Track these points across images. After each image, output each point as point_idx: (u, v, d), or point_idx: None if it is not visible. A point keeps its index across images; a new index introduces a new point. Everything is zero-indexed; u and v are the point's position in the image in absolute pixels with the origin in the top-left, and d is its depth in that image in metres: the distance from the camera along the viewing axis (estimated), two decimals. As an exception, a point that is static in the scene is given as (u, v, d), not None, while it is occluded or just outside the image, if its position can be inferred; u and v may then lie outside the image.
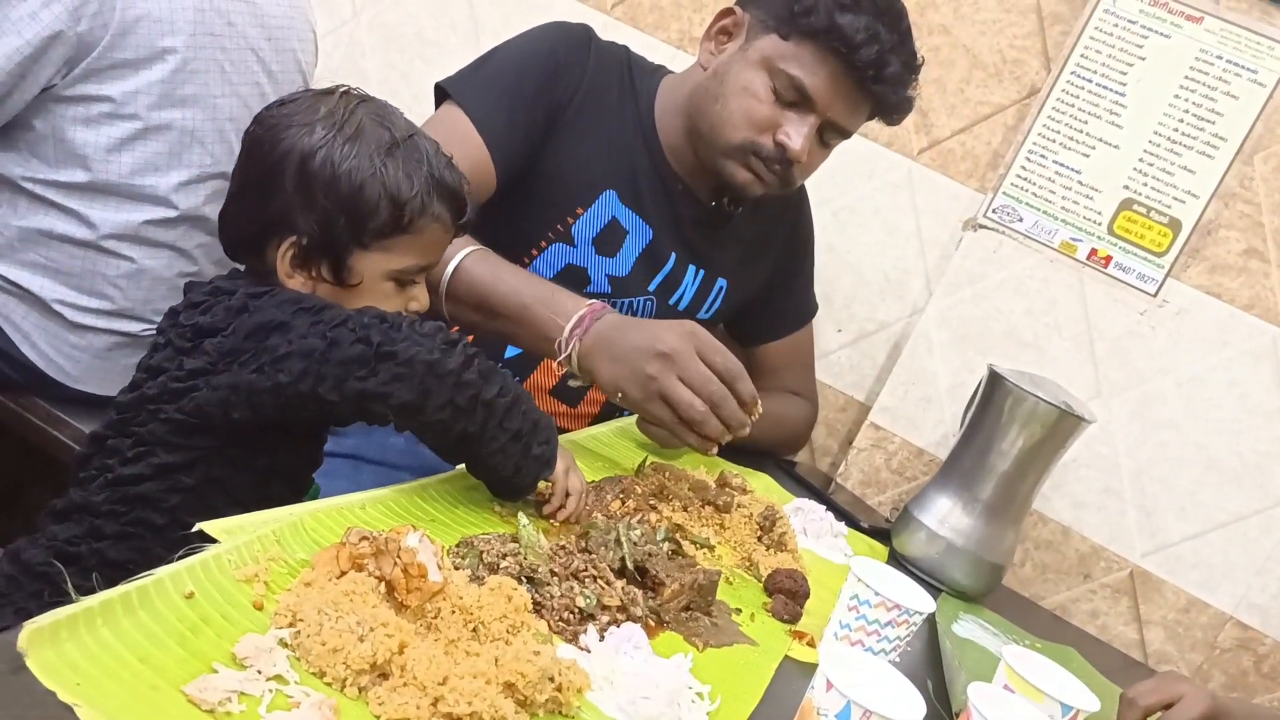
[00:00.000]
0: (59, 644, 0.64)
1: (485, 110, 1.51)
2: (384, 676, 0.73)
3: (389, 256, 1.15)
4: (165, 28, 1.50)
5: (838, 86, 1.47)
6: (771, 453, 1.85)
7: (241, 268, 1.21)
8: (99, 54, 1.45)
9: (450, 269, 1.37)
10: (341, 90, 1.17)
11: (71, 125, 1.49)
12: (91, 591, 0.69)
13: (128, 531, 1.07)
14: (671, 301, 1.70)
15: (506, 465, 1.08)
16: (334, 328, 1.01)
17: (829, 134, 1.54)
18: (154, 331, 1.27)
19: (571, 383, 1.39)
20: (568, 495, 1.15)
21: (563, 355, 1.33)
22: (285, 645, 0.73)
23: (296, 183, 1.10)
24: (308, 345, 1.00)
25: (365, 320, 1.02)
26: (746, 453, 1.72)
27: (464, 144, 1.47)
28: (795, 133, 1.49)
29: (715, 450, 1.36)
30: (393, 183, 1.12)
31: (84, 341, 1.59)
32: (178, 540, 1.06)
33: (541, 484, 1.13)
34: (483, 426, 1.04)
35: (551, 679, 0.78)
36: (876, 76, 1.46)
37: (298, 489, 1.20)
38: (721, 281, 1.74)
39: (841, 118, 1.51)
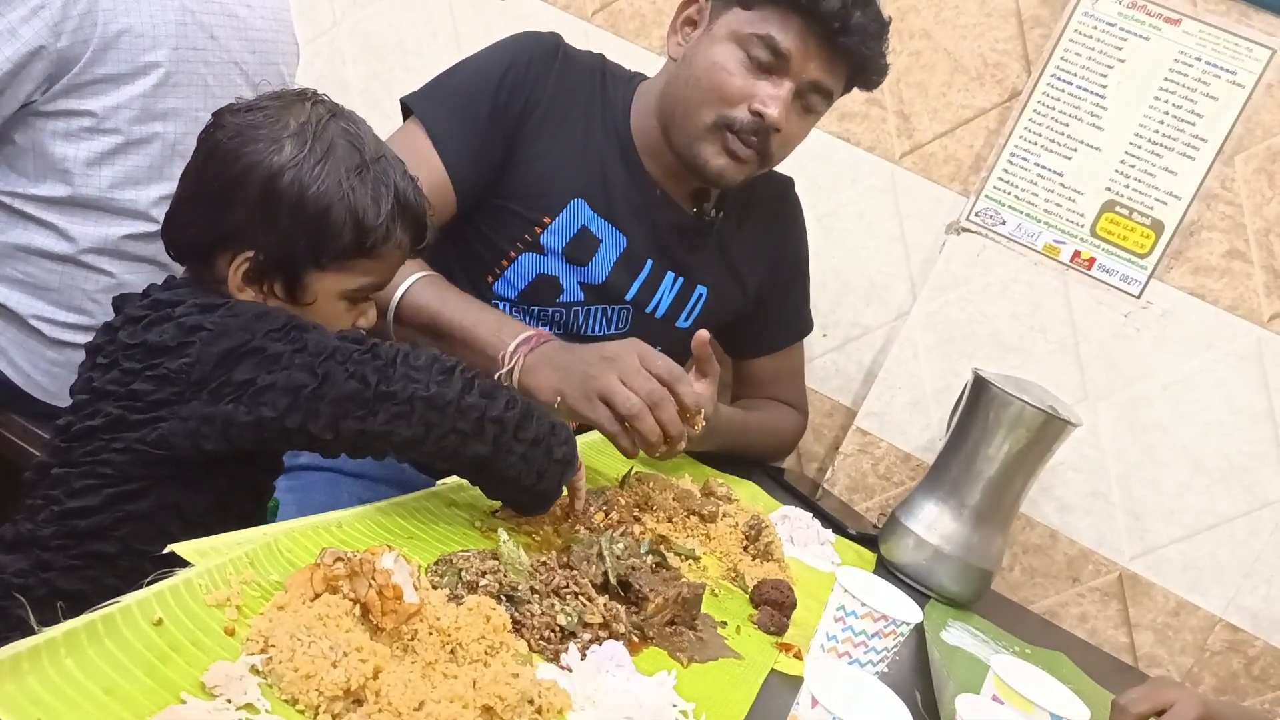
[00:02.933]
0: (20, 677, 0.62)
1: (445, 130, 1.51)
2: (358, 703, 0.71)
3: (346, 277, 1.13)
4: (148, 42, 1.48)
5: (807, 43, 1.45)
6: (759, 461, 1.84)
7: (178, 274, 1.16)
8: (80, 69, 1.44)
9: (399, 293, 1.36)
10: (311, 99, 1.12)
11: (52, 139, 1.47)
12: (55, 622, 0.67)
13: (76, 565, 1.04)
14: (648, 309, 1.67)
15: (529, 474, 1.06)
16: (323, 361, 0.98)
17: (810, 98, 1.51)
18: None
19: None
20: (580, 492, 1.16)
21: (504, 369, 1.33)
22: (257, 672, 0.71)
23: (259, 200, 1.07)
24: (294, 380, 0.97)
25: (355, 355, 0.99)
26: (733, 461, 1.71)
27: (424, 165, 1.46)
28: (771, 99, 1.46)
29: (659, 452, 1.32)
30: (359, 207, 1.09)
31: (62, 357, 1.57)
32: (130, 569, 1.04)
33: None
34: (495, 443, 1.03)
35: (531, 701, 0.76)
36: (843, 28, 1.43)
37: (259, 499, 1.18)
38: (701, 289, 1.71)
39: (819, 75, 1.48)
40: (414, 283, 1.36)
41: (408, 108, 1.57)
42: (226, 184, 1.08)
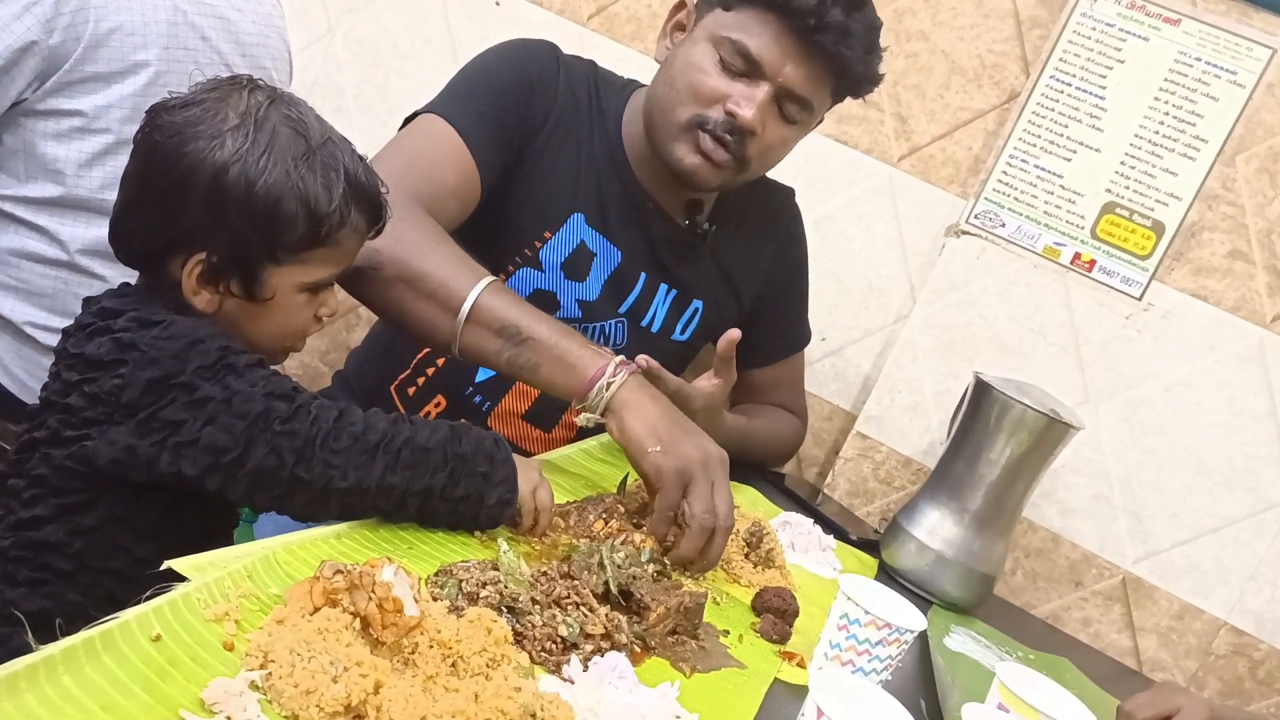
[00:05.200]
0: (18, 695, 0.61)
1: (467, 120, 1.46)
2: (359, 718, 0.70)
3: (304, 269, 1.09)
4: (138, 41, 1.48)
5: (783, 46, 1.41)
6: (759, 466, 1.84)
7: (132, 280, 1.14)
8: (71, 66, 1.43)
9: (472, 296, 1.27)
10: (247, 86, 1.08)
11: (43, 140, 1.47)
12: (54, 639, 0.67)
13: (37, 578, 1.02)
14: (643, 324, 1.66)
15: (461, 522, 1.07)
16: (246, 427, 0.96)
17: (789, 107, 1.47)
18: None
19: (584, 418, 1.29)
20: (536, 513, 1.12)
21: (606, 379, 1.24)
22: (256, 688, 0.70)
23: (207, 199, 1.03)
24: (216, 441, 0.96)
25: (277, 425, 0.96)
26: (733, 466, 1.69)
27: (451, 151, 1.43)
28: (745, 101, 1.43)
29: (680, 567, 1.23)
30: (311, 196, 1.05)
31: None
32: (90, 585, 1.03)
33: None
34: (420, 510, 1.03)
35: (533, 715, 0.75)
36: (818, 25, 1.39)
37: (216, 509, 1.14)
38: (697, 303, 1.70)
39: (795, 83, 1.44)
40: (488, 285, 1.29)
41: (416, 114, 1.50)
42: (170, 186, 1.04)
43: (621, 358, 1.27)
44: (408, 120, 1.50)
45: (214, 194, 1.02)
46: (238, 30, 1.62)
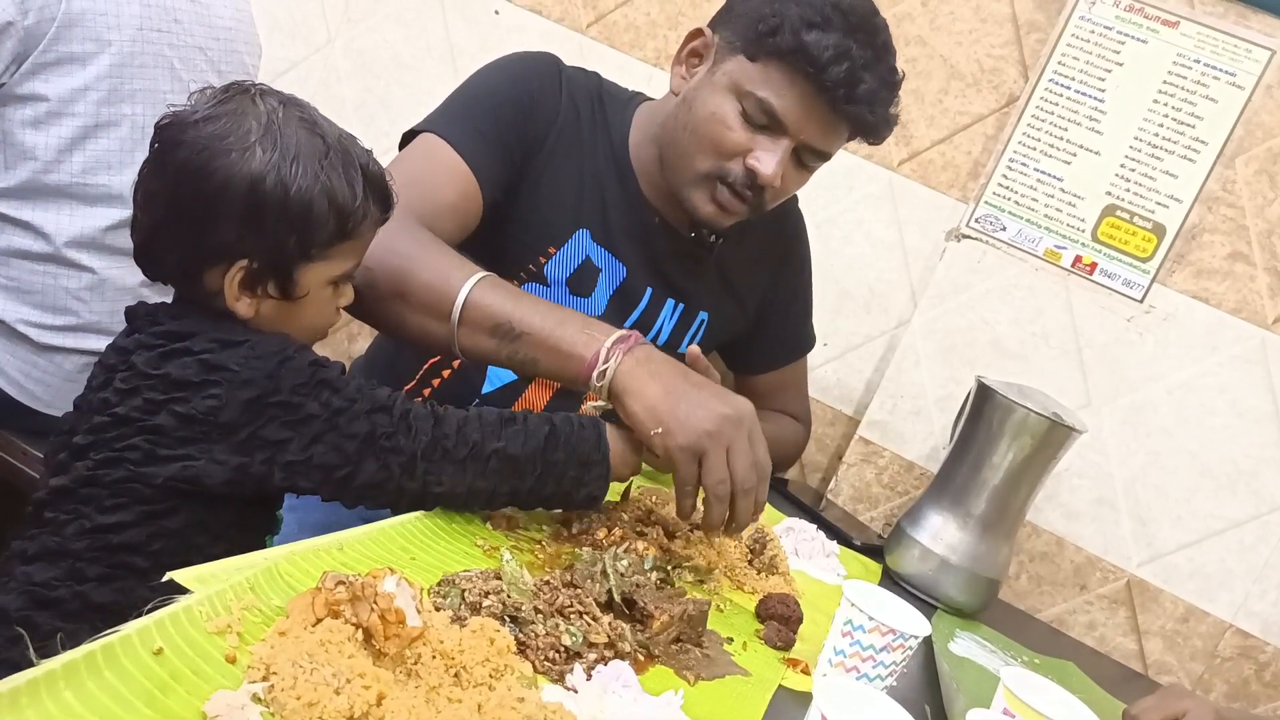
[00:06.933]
0: (19, 711, 0.61)
1: (465, 137, 1.45)
2: (362, 730, 0.70)
3: (331, 264, 1.14)
4: (111, 20, 1.50)
5: (809, 108, 1.40)
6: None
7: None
8: (45, 46, 1.45)
9: (462, 295, 1.25)
10: (255, 93, 1.10)
11: (20, 128, 1.48)
12: (55, 652, 0.66)
13: (110, 574, 1.05)
14: (649, 337, 1.63)
15: (551, 508, 1.21)
16: (357, 447, 1.04)
17: (807, 157, 1.47)
18: None
19: (591, 405, 1.27)
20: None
21: (601, 366, 1.20)
22: (259, 700, 0.70)
23: (245, 210, 1.06)
24: (328, 460, 1.04)
25: (383, 442, 1.05)
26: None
27: (449, 169, 1.42)
28: (767, 157, 1.42)
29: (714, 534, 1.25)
30: (338, 193, 1.09)
31: (53, 365, 1.56)
32: (161, 582, 1.04)
33: None
34: (509, 502, 1.15)
35: (537, 725, 0.75)
36: (849, 96, 1.37)
37: (271, 509, 1.20)
38: (703, 314, 1.69)
39: (816, 140, 1.44)
40: (476, 284, 1.26)
41: (414, 133, 1.48)
42: (205, 201, 1.06)
43: (619, 334, 1.24)
44: (405, 135, 1.49)
45: (252, 204, 1.06)
46: (211, 15, 1.65)
